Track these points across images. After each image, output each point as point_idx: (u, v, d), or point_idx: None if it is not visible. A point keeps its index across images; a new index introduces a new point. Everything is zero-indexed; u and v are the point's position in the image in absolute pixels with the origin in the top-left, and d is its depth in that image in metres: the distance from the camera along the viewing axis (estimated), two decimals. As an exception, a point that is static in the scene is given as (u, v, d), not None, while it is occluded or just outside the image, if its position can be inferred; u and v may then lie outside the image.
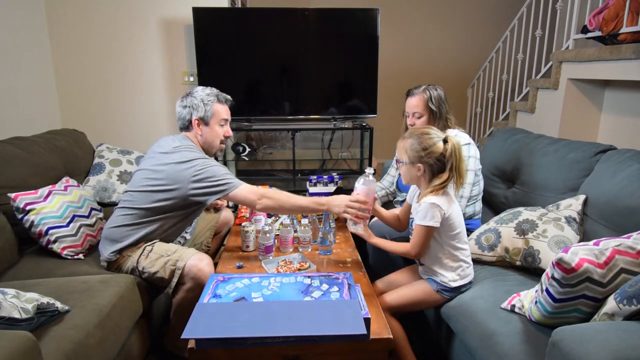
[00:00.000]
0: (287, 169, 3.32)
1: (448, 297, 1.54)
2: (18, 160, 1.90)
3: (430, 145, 1.44)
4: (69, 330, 1.24)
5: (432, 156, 1.44)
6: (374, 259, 1.92)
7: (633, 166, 1.55)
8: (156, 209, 1.67)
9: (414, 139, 1.46)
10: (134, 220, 1.68)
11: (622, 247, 1.09)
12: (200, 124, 1.75)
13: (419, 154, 1.45)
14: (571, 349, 0.93)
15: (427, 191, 1.47)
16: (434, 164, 1.45)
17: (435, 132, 1.47)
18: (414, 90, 1.95)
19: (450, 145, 1.43)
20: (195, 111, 1.74)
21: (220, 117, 1.77)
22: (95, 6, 2.85)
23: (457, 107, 4.82)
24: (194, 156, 1.65)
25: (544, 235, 1.59)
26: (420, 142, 1.45)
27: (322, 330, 1.12)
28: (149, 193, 1.66)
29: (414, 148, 1.46)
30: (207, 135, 1.77)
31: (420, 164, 1.46)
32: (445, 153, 1.43)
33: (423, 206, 1.44)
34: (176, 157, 1.65)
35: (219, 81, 2.86)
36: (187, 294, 1.63)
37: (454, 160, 1.44)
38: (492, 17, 4.87)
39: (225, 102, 1.80)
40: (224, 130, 1.80)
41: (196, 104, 1.74)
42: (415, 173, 1.48)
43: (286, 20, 2.87)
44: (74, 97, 2.97)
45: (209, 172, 1.62)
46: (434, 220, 1.43)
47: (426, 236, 1.46)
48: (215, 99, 1.76)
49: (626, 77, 2.41)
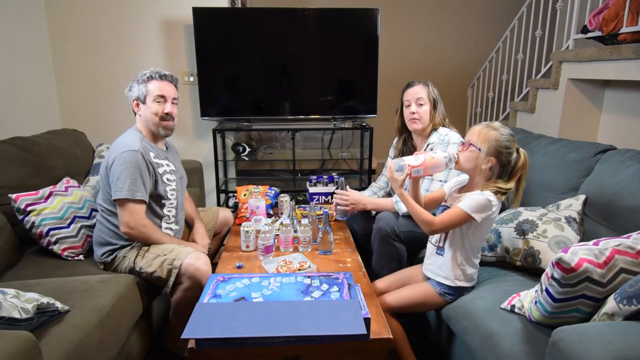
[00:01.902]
0: (287, 169, 3.32)
1: (450, 300, 1.54)
2: (18, 160, 1.90)
3: (511, 147, 1.44)
4: (69, 330, 1.24)
5: (508, 158, 1.43)
6: (377, 259, 1.91)
7: (633, 166, 1.55)
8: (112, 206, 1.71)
9: (501, 133, 1.44)
10: (109, 222, 1.73)
11: (621, 247, 1.09)
12: (138, 103, 1.77)
13: (500, 149, 1.43)
14: (571, 349, 0.93)
15: (488, 186, 1.44)
16: (504, 166, 1.44)
17: (514, 138, 1.46)
18: (414, 82, 1.98)
19: (523, 157, 1.45)
20: (132, 92, 1.77)
21: (155, 94, 1.75)
22: (95, 6, 2.85)
23: (457, 107, 4.84)
24: (125, 142, 1.69)
25: (544, 235, 1.59)
26: (507, 139, 1.43)
27: (322, 330, 1.12)
28: (105, 192, 1.72)
29: (499, 140, 1.42)
30: (144, 114, 1.77)
31: (495, 158, 1.43)
32: (518, 162, 1.44)
33: (477, 196, 1.41)
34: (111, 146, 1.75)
35: (219, 81, 2.88)
36: (185, 293, 1.63)
37: (523, 172, 1.45)
38: (492, 17, 4.86)
39: (161, 79, 1.77)
40: (162, 107, 1.76)
41: (132, 85, 1.77)
42: (482, 164, 1.45)
43: (286, 20, 2.87)
44: (74, 97, 2.96)
45: (118, 171, 1.64)
46: (479, 214, 1.40)
47: (459, 221, 1.43)
48: (148, 76, 1.76)
49: (626, 77, 2.41)
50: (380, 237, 1.86)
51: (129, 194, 1.62)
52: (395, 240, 1.85)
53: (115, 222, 1.71)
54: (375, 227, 1.89)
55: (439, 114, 1.95)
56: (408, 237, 1.84)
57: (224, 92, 2.92)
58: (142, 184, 1.65)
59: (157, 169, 1.74)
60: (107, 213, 1.73)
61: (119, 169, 1.63)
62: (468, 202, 1.41)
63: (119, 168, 1.63)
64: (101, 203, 1.75)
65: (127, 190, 1.62)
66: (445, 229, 1.46)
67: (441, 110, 1.96)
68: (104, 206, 1.74)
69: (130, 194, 1.62)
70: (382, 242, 1.86)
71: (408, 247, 1.88)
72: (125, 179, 1.62)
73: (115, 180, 1.64)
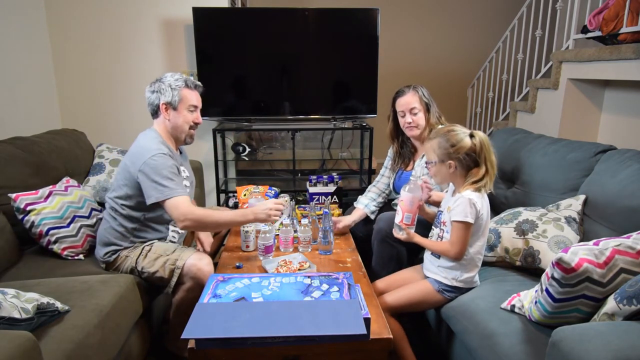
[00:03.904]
0: (287, 169, 3.31)
1: (449, 298, 1.54)
2: (18, 160, 1.90)
3: (458, 140, 1.44)
4: (69, 330, 1.24)
5: (461, 151, 1.44)
6: (377, 259, 1.91)
7: (633, 166, 1.55)
8: (127, 207, 1.69)
9: (441, 137, 1.46)
10: (115, 221, 1.72)
11: (622, 247, 1.09)
12: (168, 108, 1.74)
13: (447, 150, 1.45)
14: (571, 349, 0.93)
15: (466, 184, 1.46)
16: (463, 159, 1.45)
17: (460, 129, 1.47)
18: (404, 89, 1.99)
19: (479, 139, 1.44)
20: (163, 96, 1.73)
21: (189, 103, 1.75)
22: (95, 6, 2.84)
23: (457, 107, 4.84)
24: (151, 147, 1.66)
25: (544, 235, 1.59)
26: (447, 140, 1.45)
27: (322, 330, 1.12)
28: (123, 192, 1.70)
29: (441, 146, 1.46)
30: (175, 120, 1.75)
31: (451, 160, 1.45)
32: (476, 148, 1.44)
33: (460, 202, 1.43)
34: (133, 149, 1.70)
35: (218, 81, 2.87)
36: (186, 294, 1.63)
37: (485, 153, 1.44)
38: (492, 17, 4.86)
39: (194, 88, 1.78)
40: (194, 117, 1.78)
41: (164, 89, 1.73)
42: (447, 171, 1.48)
43: (286, 20, 2.87)
44: (74, 97, 2.96)
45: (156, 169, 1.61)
46: (470, 215, 1.41)
47: (464, 233, 1.44)
48: (183, 84, 1.74)
49: (626, 77, 2.41)
50: (380, 237, 1.86)
51: (172, 193, 1.60)
52: (394, 241, 1.84)
53: (123, 223, 1.71)
54: (376, 228, 1.89)
55: (433, 115, 1.98)
56: None
57: (224, 92, 2.92)
58: (180, 182, 1.67)
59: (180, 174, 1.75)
60: (117, 213, 1.71)
61: (154, 172, 1.60)
62: (456, 212, 1.44)
63: (153, 171, 1.60)
64: (112, 203, 1.73)
65: (169, 190, 1.60)
66: (462, 246, 1.46)
67: (435, 110, 2.00)
68: (115, 206, 1.71)
69: (173, 193, 1.61)
70: (382, 243, 1.86)
71: (408, 248, 1.88)
72: (164, 180, 1.60)
73: (153, 184, 1.60)
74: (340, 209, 2.33)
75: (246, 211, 1.70)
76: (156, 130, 1.77)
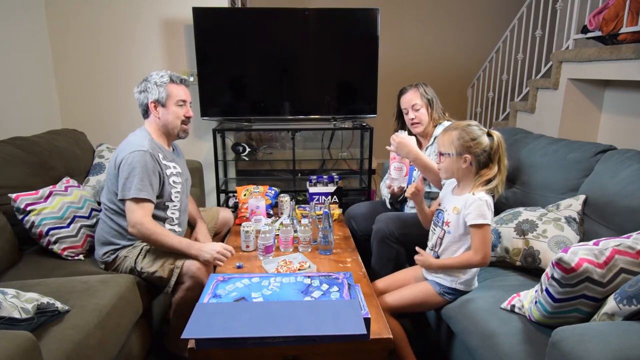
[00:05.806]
0: (287, 169, 3.32)
1: (450, 300, 1.54)
2: (18, 160, 1.90)
3: (477, 136, 1.43)
4: (69, 330, 1.24)
5: (479, 147, 1.43)
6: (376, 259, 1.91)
7: (633, 166, 1.55)
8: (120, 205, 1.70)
9: (461, 130, 1.45)
10: (111, 220, 1.72)
11: (621, 247, 1.09)
12: (157, 106, 1.75)
13: (468, 144, 1.43)
14: (571, 349, 0.93)
15: (477, 184, 1.44)
16: (480, 156, 1.44)
17: (478, 126, 1.47)
18: (407, 87, 2.04)
19: (496, 138, 1.43)
20: (150, 94, 1.73)
21: (177, 98, 1.75)
22: (95, 6, 2.84)
23: (457, 107, 4.84)
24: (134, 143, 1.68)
25: (544, 235, 1.59)
26: (468, 133, 1.44)
27: (322, 330, 1.12)
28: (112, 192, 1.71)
29: (462, 137, 1.44)
30: (165, 117, 1.76)
31: (468, 154, 1.44)
32: (493, 146, 1.43)
33: (475, 204, 1.40)
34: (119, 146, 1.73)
35: (219, 81, 2.88)
36: (186, 293, 1.63)
37: (500, 153, 1.44)
38: (492, 17, 4.87)
39: (180, 83, 1.78)
40: (184, 111, 1.78)
41: (150, 87, 1.74)
42: (459, 165, 1.46)
43: (286, 20, 2.87)
44: (74, 97, 2.96)
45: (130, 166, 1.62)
46: (488, 216, 1.39)
47: (485, 235, 1.40)
48: (168, 79, 1.75)
49: (626, 77, 2.41)
50: (379, 238, 1.86)
51: (135, 193, 1.61)
52: (393, 242, 1.85)
53: (119, 222, 1.71)
54: (375, 229, 1.89)
55: (436, 111, 2.01)
56: (406, 239, 1.84)
57: (224, 92, 2.92)
58: (149, 184, 1.65)
59: (165, 170, 1.74)
60: (111, 212, 1.73)
61: (127, 168, 1.62)
62: (473, 216, 1.40)
63: (126, 168, 1.63)
64: (106, 202, 1.75)
65: (134, 189, 1.61)
66: (486, 249, 1.41)
67: (438, 106, 2.02)
68: (108, 205, 1.73)
69: (136, 193, 1.61)
70: (381, 244, 1.86)
71: (407, 249, 1.88)
72: (133, 178, 1.61)
73: (123, 180, 1.63)
74: (340, 209, 2.33)
75: (194, 245, 1.66)
76: (146, 129, 1.78)
